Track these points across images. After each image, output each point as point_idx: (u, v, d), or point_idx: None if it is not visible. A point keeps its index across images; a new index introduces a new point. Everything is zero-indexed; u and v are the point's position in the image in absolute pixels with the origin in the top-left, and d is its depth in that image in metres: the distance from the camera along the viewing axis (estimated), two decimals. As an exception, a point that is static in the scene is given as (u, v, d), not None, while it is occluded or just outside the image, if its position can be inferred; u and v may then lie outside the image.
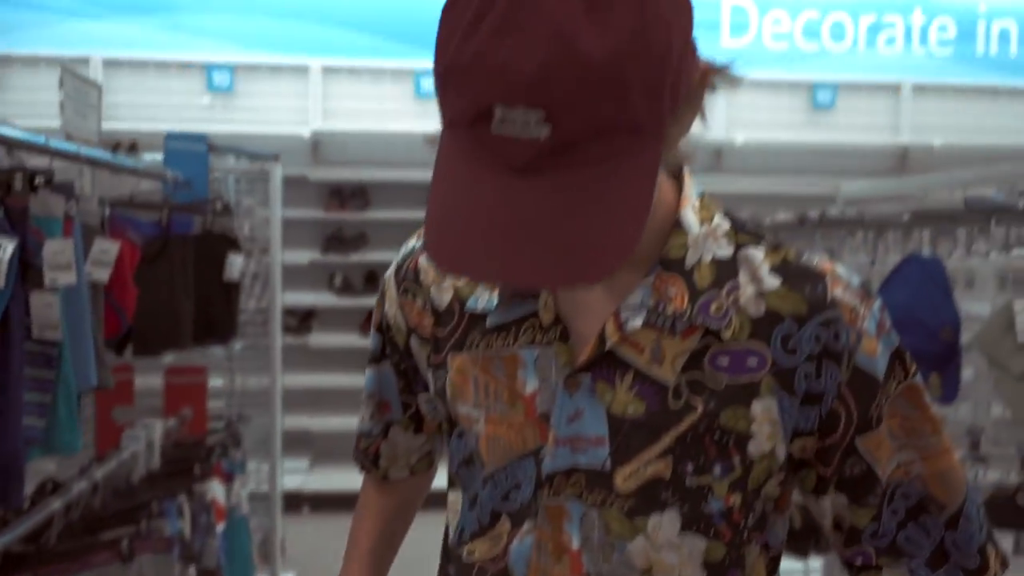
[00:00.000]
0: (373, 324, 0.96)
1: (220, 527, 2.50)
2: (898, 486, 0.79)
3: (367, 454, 1.00)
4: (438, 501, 0.95)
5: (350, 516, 1.03)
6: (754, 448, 0.76)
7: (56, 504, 1.79)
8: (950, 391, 2.55)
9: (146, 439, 2.33)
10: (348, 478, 3.01)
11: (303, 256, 4.95)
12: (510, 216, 0.64)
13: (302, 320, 5.03)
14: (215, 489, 2.47)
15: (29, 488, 2.04)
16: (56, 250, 1.44)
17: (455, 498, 0.87)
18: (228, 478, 2.63)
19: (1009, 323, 2.31)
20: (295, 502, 4.35)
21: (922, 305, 2.56)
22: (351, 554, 1.00)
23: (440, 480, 0.93)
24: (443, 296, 0.85)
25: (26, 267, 1.40)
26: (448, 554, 0.88)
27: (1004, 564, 0.81)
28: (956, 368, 2.56)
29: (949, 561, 0.79)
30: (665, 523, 0.76)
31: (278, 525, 3.23)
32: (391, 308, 0.91)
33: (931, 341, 2.53)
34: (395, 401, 0.96)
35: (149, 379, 2.87)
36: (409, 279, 0.88)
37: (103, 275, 1.63)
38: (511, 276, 0.66)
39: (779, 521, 0.83)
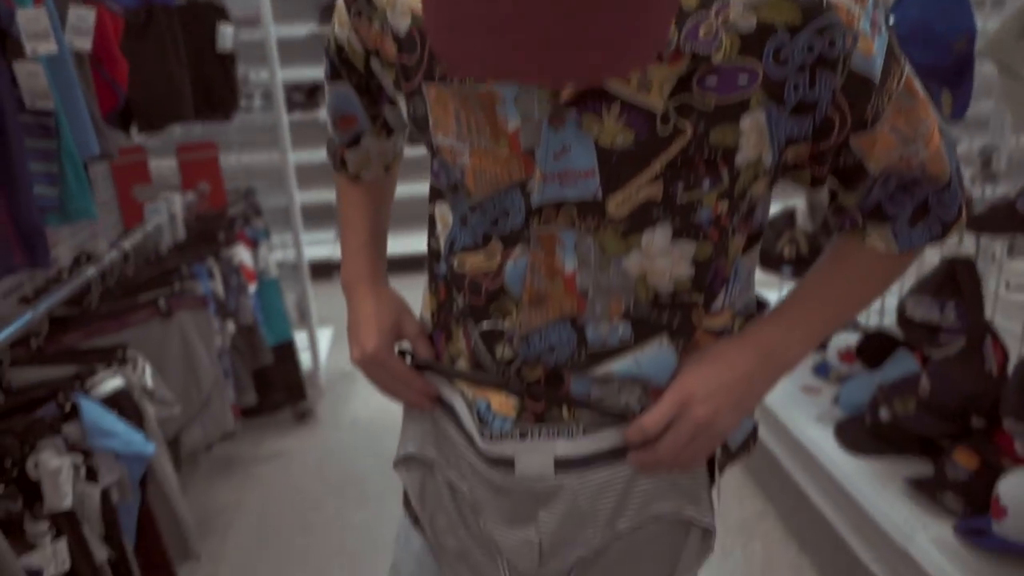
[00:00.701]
0: (324, 47, 0.95)
1: (252, 288, 2.66)
2: (894, 173, 0.79)
3: (336, 157, 1.03)
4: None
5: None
6: (741, 159, 0.76)
7: (91, 271, 1.92)
8: (960, 107, 2.51)
9: (168, 211, 2.43)
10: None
11: (301, 30, 4.80)
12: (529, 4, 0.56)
13: (308, 95, 4.97)
14: (241, 253, 2.59)
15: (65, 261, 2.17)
16: (30, 18, 1.43)
17: (443, 211, 0.88)
18: (253, 244, 2.76)
19: (1022, 29, 2.22)
20: (325, 270, 4.53)
21: (936, 18, 2.45)
22: (351, 246, 1.02)
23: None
24: (400, 21, 0.81)
25: (3, 37, 1.41)
26: (436, 258, 0.91)
27: (968, 207, 0.83)
28: (969, 83, 2.50)
29: (929, 215, 0.82)
30: (657, 236, 0.78)
31: (308, 288, 3.39)
32: (342, 32, 0.89)
33: (944, 55, 2.45)
34: (361, 115, 0.98)
35: (163, 162, 2.94)
36: (361, 1, 0.85)
37: (85, 43, 1.63)
38: (539, 74, 0.58)
39: (761, 207, 0.84)
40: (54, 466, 1.30)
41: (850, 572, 2.24)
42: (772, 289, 3.05)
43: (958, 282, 1.83)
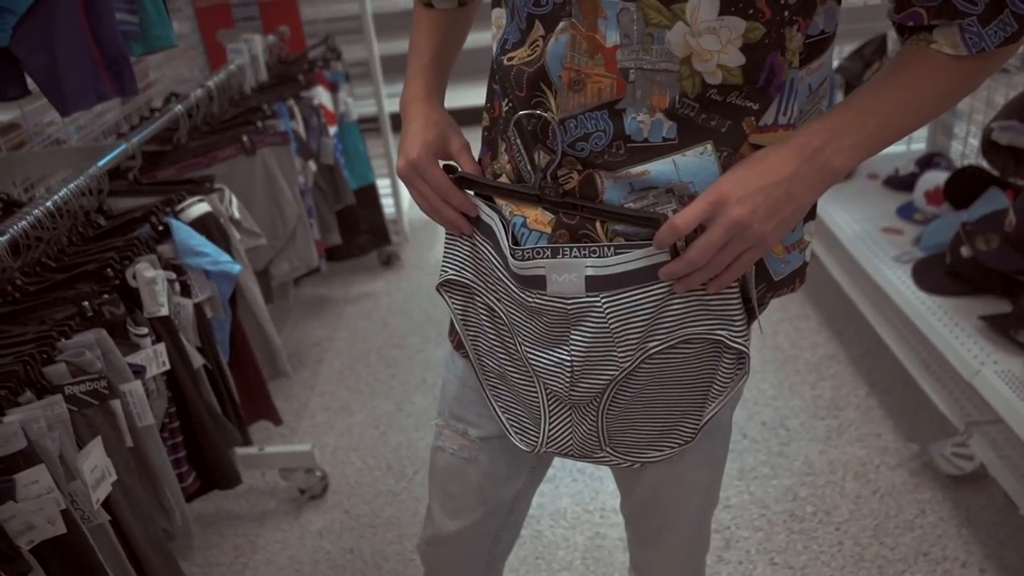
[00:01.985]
0: None
1: (333, 130, 2.73)
2: None
3: None
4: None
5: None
6: None
7: (179, 107, 2.01)
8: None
9: (249, 52, 2.49)
10: (460, 94, 3.09)
11: None
12: None
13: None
14: (321, 95, 2.64)
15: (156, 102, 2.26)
16: None
17: (499, 13, 0.89)
18: (333, 87, 2.80)
19: None
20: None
21: None
22: (413, 67, 1.02)
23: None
24: None
25: None
26: (495, 64, 0.91)
27: None
28: None
29: (1004, 11, 0.72)
30: (704, 4, 0.72)
31: (389, 138, 3.43)
32: None
33: None
34: None
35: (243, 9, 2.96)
36: None
37: None
38: None
39: (822, 10, 0.79)
40: (150, 275, 1.42)
41: (917, 411, 2.25)
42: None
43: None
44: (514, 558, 1.90)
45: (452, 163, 0.96)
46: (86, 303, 1.34)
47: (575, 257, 0.83)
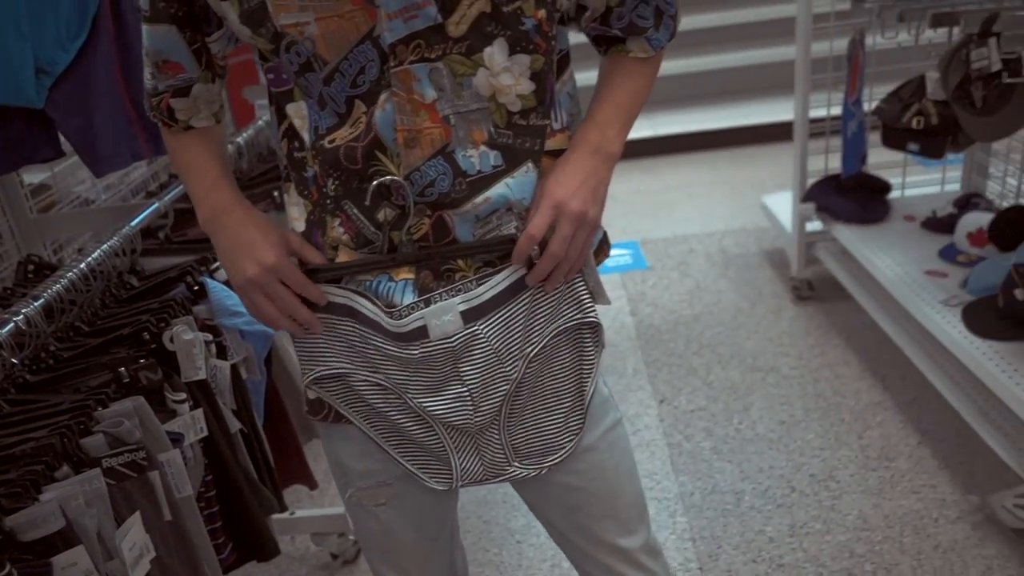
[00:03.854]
0: None
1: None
2: None
3: (161, 109, 1.02)
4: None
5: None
6: None
7: (208, 165, 1.98)
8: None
9: (275, 109, 2.47)
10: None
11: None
12: None
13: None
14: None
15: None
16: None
17: (296, 108, 0.94)
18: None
19: None
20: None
21: None
22: (207, 182, 1.01)
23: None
24: None
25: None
26: (299, 159, 0.95)
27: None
28: None
29: (664, 17, 1.01)
30: (496, 51, 0.89)
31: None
32: None
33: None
34: (188, 60, 0.97)
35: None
36: None
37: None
38: None
39: (561, 35, 0.99)
40: (188, 338, 1.37)
41: (973, 460, 2.16)
42: (895, 172, 2.89)
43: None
44: (560, 625, 1.81)
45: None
46: (123, 369, 1.29)
47: (447, 299, 0.94)
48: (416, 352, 0.95)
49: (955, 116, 2.15)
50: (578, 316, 1.00)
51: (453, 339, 0.94)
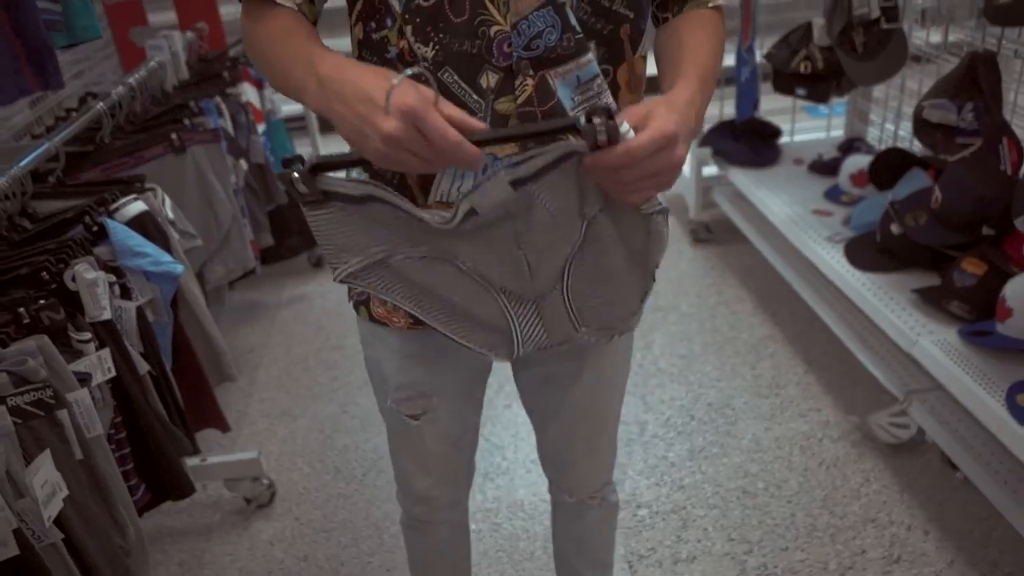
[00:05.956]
0: None
1: (261, 128, 2.64)
2: None
3: None
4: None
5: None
6: None
7: (100, 104, 1.90)
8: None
9: (169, 49, 2.38)
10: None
11: None
12: None
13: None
14: (248, 92, 2.56)
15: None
16: None
17: None
18: (259, 85, 2.71)
19: None
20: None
21: None
22: (315, 50, 0.86)
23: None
24: None
25: None
26: (379, 40, 0.90)
27: None
28: None
29: None
30: None
31: (317, 139, 3.36)
32: None
33: None
34: None
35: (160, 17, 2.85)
36: None
37: None
38: None
39: None
40: (91, 277, 1.34)
41: (853, 385, 2.34)
42: (784, 119, 3.03)
43: (977, 82, 1.79)
44: (475, 553, 1.88)
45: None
46: (22, 309, 1.26)
47: (494, 173, 0.83)
48: (468, 226, 0.87)
49: (839, 62, 2.27)
50: (644, 206, 0.92)
51: (502, 207, 0.86)
